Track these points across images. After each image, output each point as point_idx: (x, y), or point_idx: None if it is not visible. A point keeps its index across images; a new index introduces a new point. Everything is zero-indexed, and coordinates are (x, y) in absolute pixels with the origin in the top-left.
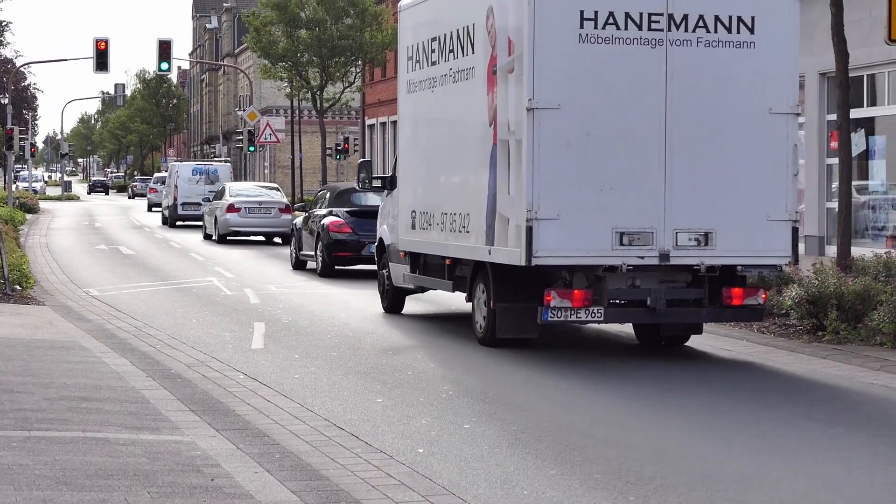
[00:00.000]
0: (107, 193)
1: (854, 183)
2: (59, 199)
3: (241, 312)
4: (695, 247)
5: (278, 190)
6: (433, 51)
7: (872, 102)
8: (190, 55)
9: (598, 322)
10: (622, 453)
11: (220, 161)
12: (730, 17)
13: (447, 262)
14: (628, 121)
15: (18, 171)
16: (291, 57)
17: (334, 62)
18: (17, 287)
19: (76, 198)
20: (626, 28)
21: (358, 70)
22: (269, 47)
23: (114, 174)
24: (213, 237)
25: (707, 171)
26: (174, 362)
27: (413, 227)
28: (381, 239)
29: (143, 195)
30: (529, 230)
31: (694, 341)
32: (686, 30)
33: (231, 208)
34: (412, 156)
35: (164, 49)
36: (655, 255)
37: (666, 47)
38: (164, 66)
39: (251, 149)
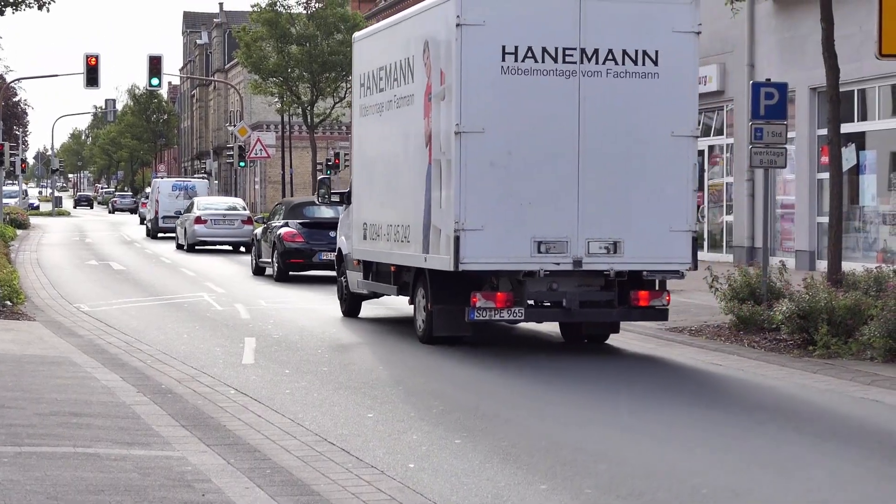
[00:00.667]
0: (91, 207)
1: (844, 197)
2: (49, 214)
3: (231, 328)
4: (605, 254)
5: (241, 204)
6: (381, 79)
7: (863, 117)
8: (180, 71)
9: (519, 321)
10: (613, 468)
11: (198, 178)
12: (636, 51)
13: (392, 269)
14: (545, 143)
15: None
16: (282, 72)
17: (325, 78)
18: (8, 303)
19: (66, 213)
20: (543, 61)
21: (348, 85)
22: (260, 63)
23: (104, 189)
24: (184, 246)
25: (616, 187)
26: (165, 377)
27: (365, 237)
28: (339, 249)
29: (122, 210)
30: (457, 239)
31: (684, 355)
32: (597, 62)
33: (199, 220)
34: (364, 173)
35: (155, 64)
36: (570, 262)
37: (579, 78)
38: (155, 81)
39: (242, 164)
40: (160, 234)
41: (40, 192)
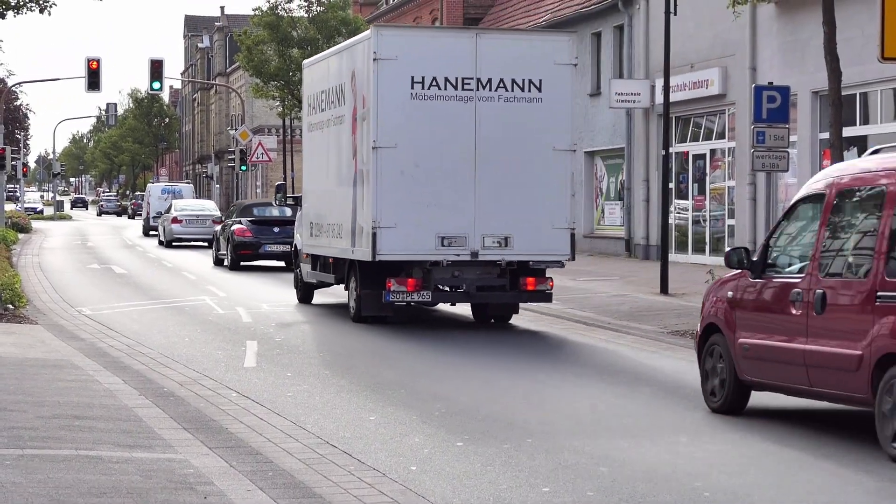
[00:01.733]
0: (87, 208)
1: None
2: (51, 218)
3: (233, 331)
4: (498, 247)
5: (213, 206)
6: (322, 101)
7: (865, 121)
8: (182, 74)
9: (428, 303)
10: (615, 471)
11: (185, 183)
12: (523, 80)
13: (331, 260)
14: (447, 156)
15: (12, 192)
16: (283, 76)
17: None
18: (10, 306)
19: (68, 217)
20: (445, 89)
21: None
22: (261, 66)
23: (106, 193)
24: (164, 243)
25: (506, 192)
26: (167, 380)
27: (311, 234)
28: (295, 245)
29: (108, 213)
30: (374, 235)
31: (686, 359)
32: (490, 89)
33: (175, 220)
34: (311, 180)
35: (156, 68)
36: (468, 254)
37: (475, 102)
38: (156, 85)
39: (243, 168)
40: (151, 233)
41: (42, 196)
